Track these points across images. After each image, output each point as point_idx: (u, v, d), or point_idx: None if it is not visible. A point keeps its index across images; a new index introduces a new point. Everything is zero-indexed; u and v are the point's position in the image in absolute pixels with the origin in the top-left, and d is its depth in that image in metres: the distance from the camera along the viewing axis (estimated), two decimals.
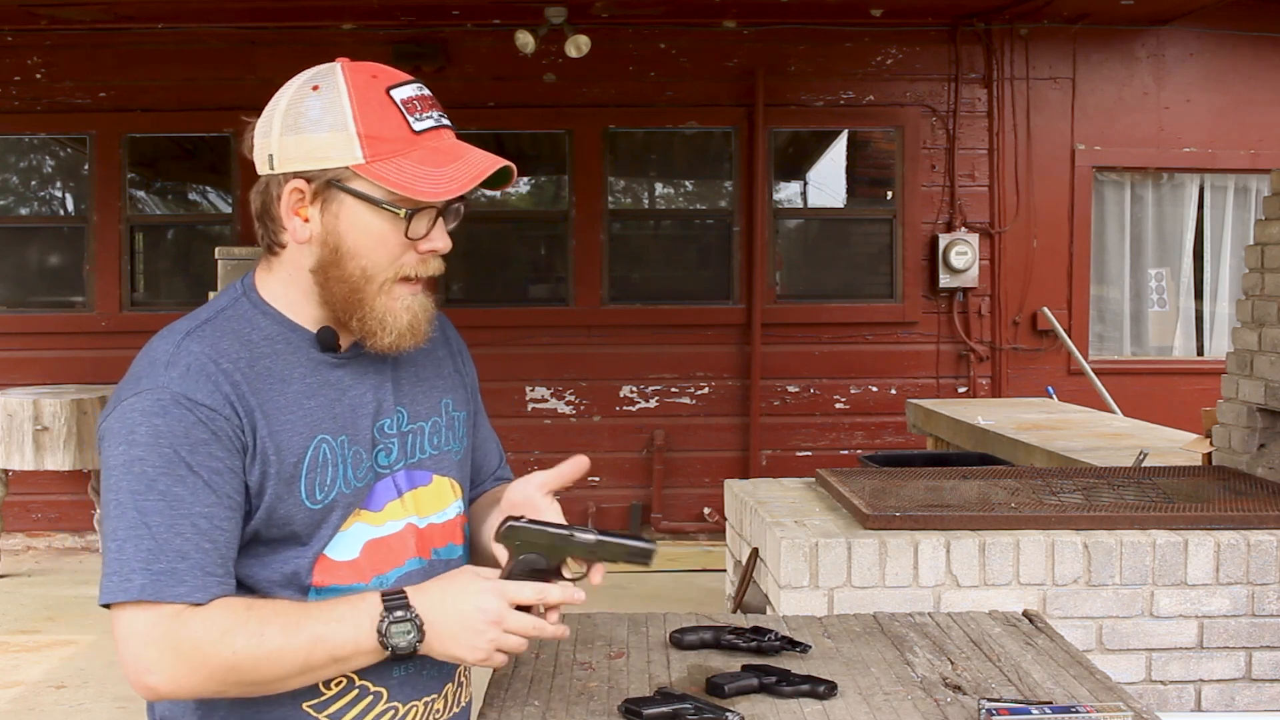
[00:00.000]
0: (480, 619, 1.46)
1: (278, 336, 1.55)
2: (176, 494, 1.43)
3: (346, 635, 1.45)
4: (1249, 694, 3.17)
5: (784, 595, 3.08)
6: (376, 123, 1.48)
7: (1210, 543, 3.13)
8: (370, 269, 1.51)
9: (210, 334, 1.52)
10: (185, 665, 1.43)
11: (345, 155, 1.48)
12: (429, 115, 1.52)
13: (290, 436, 1.50)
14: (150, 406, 1.45)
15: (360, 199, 1.49)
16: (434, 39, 7.46)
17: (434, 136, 1.51)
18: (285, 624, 1.44)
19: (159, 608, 1.42)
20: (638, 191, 8.09)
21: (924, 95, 7.67)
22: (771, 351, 7.62)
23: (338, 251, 1.51)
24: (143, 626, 1.43)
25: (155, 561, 1.42)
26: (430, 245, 1.54)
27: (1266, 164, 7.44)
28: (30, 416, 6.56)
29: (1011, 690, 1.79)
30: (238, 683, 1.45)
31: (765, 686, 1.76)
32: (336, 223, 1.51)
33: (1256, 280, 3.98)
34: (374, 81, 1.50)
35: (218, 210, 7.90)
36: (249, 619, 1.44)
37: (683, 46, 7.59)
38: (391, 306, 1.53)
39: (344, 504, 1.54)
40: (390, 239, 1.51)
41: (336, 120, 1.48)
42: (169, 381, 1.46)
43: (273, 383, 1.51)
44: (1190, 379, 7.63)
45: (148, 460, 1.43)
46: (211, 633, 1.42)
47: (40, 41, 7.47)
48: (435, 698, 1.63)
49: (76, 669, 5.12)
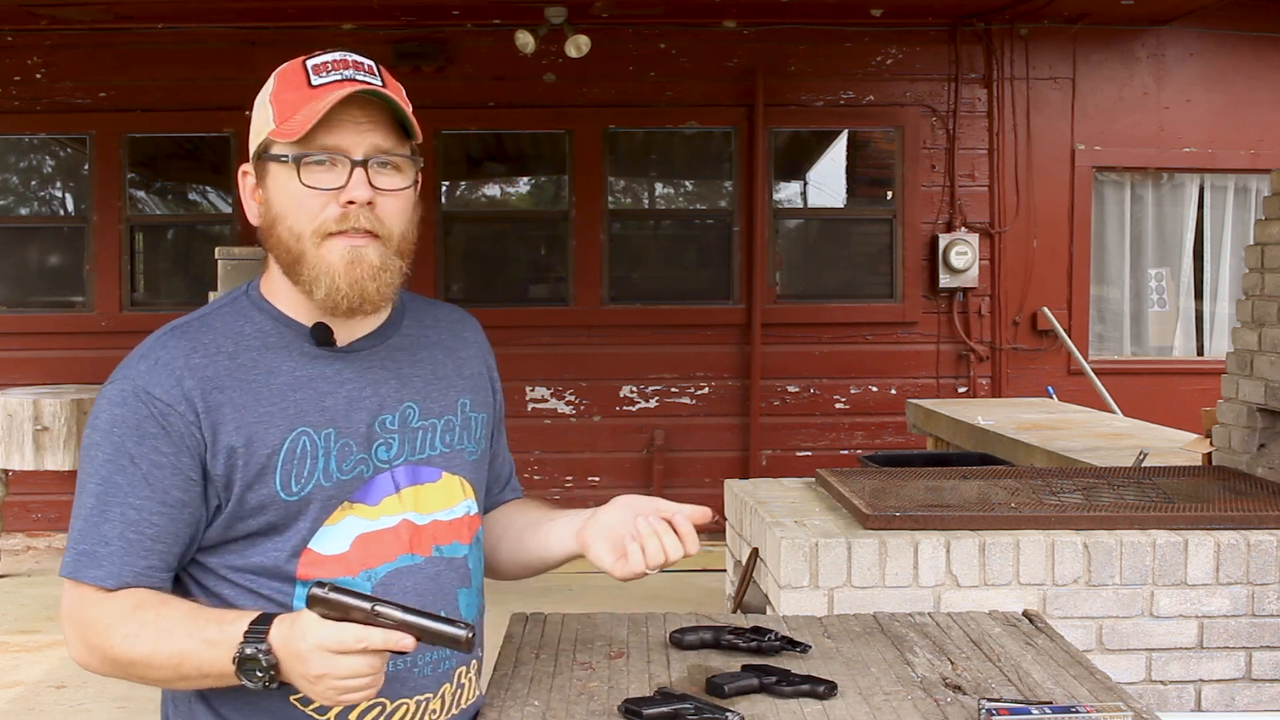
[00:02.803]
0: (311, 673, 1.39)
1: (271, 331, 1.57)
2: (115, 482, 1.50)
3: (213, 659, 1.44)
4: (1249, 694, 3.17)
5: (784, 595, 3.08)
6: (285, 89, 1.54)
7: (1210, 543, 3.13)
8: (295, 227, 1.53)
9: (195, 330, 1.56)
10: (85, 648, 1.51)
11: (264, 125, 1.55)
12: (336, 73, 1.53)
13: (265, 428, 1.52)
14: (114, 396, 1.52)
15: (275, 161, 1.54)
16: (434, 39, 7.45)
17: (331, 88, 1.51)
18: (159, 632, 1.46)
19: (79, 588, 1.50)
20: (638, 191, 8.09)
21: (924, 95, 7.67)
22: (771, 351, 7.62)
23: (270, 218, 1.56)
24: (67, 603, 1.52)
25: (81, 542, 1.50)
26: (347, 196, 1.52)
27: (1266, 164, 7.44)
28: (30, 416, 6.56)
29: (1011, 690, 1.79)
30: (129, 676, 1.51)
31: (765, 686, 1.76)
32: (268, 193, 1.56)
33: (1256, 280, 3.97)
34: (300, 59, 1.57)
35: (218, 210, 7.89)
36: (129, 620, 1.47)
37: (683, 46, 7.59)
38: (326, 258, 1.53)
39: (323, 496, 1.54)
40: (300, 193, 1.52)
41: (263, 99, 1.58)
42: (136, 374, 1.52)
43: (256, 375, 1.53)
44: (1190, 379, 7.63)
45: (101, 446, 1.51)
46: (100, 623, 1.48)
47: (40, 41, 7.47)
48: (430, 697, 1.63)
49: (76, 669, 5.10)
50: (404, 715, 1.60)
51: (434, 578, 1.62)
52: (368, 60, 1.57)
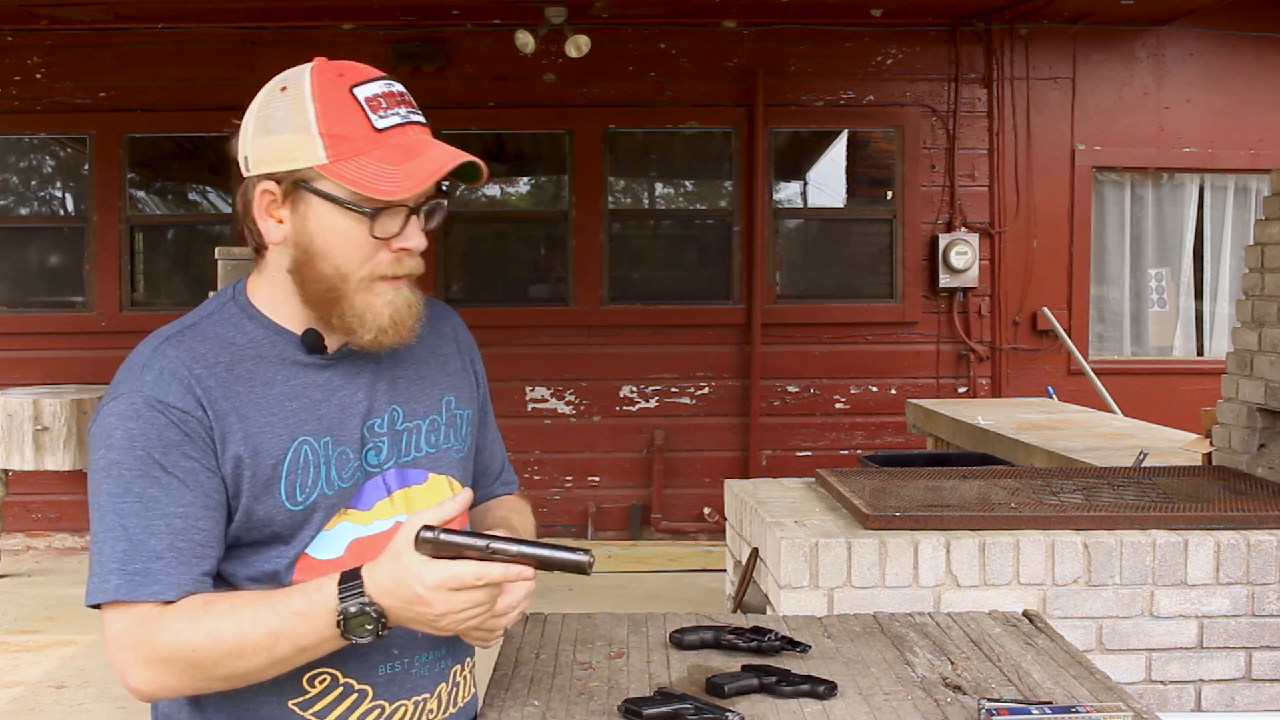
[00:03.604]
0: (433, 613, 1.41)
1: (262, 339, 1.55)
2: (151, 495, 1.45)
3: (307, 628, 1.43)
4: (1249, 694, 3.17)
5: (784, 595, 3.08)
6: (338, 122, 1.47)
7: (1210, 543, 3.13)
8: (343, 268, 1.50)
9: (190, 339, 1.53)
10: (155, 666, 1.44)
11: (309, 156, 1.48)
12: (394, 112, 1.50)
13: (269, 439, 1.51)
14: (125, 411, 1.47)
15: (325, 199, 1.49)
16: (434, 39, 7.46)
17: (398, 133, 1.49)
18: (241, 619, 1.43)
19: (133, 609, 1.44)
20: (638, 191, 8.09)
21: (924, 95, 7.67)
22: (771, 351, 7.62)
23: (309, 252, 1.51)
24: (120, 628, 1.45)
25: (130, 562, 1.44)
26: (403, 244, 1.51)
27: (1266, 164, 7.44)
28: (30, 416, 6.56)
29: (1011, 690, 1.79)
30: (210, 678, 1.45)
31: (765, 686, 1.76)
32: (305, 223, 1.50)
33: (1256, 280, 3.97)
34: (339, 80, 1.50)
35: (218, 210, 7.90)
36: (204, 616, 1.43)
37: (683, 46, 7.59)
38: (372, 302, 1.52)
39: (326, 505, 1.54)
40: (358, 238, 1.50)
41: (300, 121, 1.48)
42: (142, 386, 1.48)
43: (254, 385, 1.52)
44: (1190, 379, 7.63)
45: (124, 463, 1.45)
46: (171, 632, 1.43)
47: (40, 41, 7.47)
48: (427, 697, 1.62)
49: (76, 669, 5.12)
50: (403, 716, 1.60)
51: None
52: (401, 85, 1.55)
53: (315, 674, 1.53)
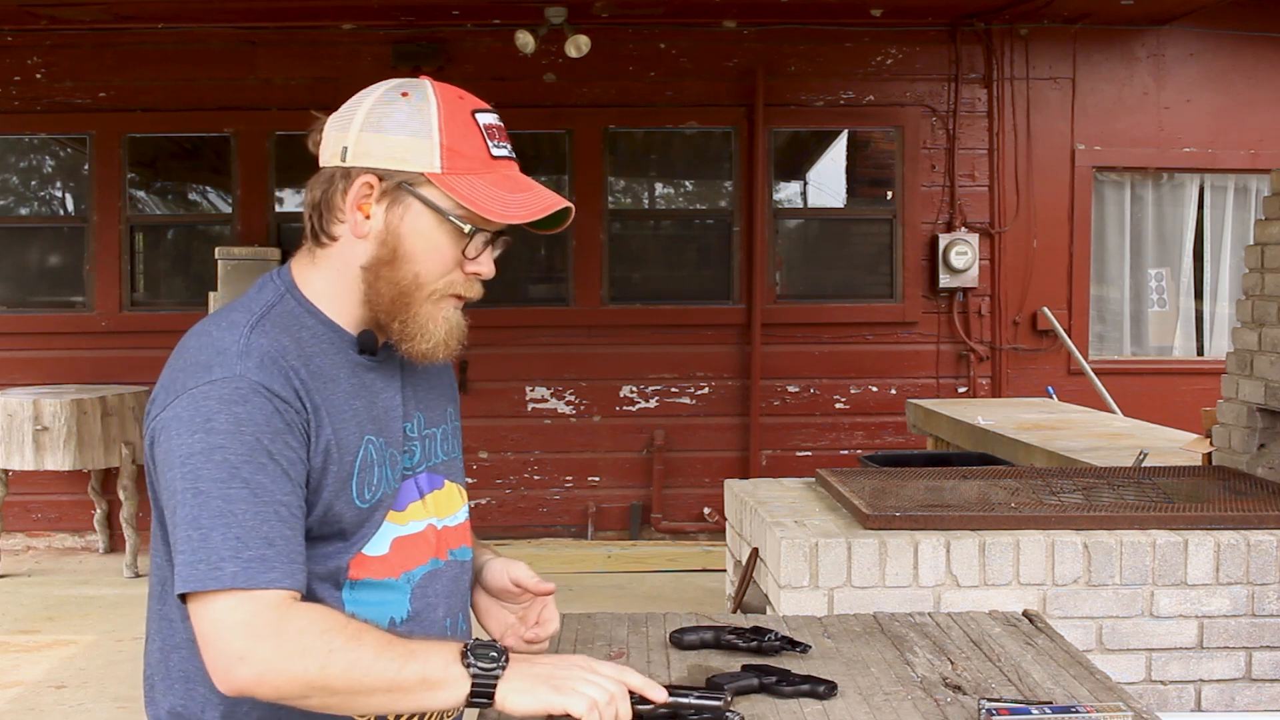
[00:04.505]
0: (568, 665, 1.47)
1: (324, 336, 1.56)
2: (260, 482, 1.43)
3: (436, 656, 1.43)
4: (1249, 694, 3.17)
5: (784, 595, 3.08)
6: (459, 139, 1.54)
7: (1210, 543, 3.13)
8: (423, 276, 1.54)
9: (270, 330, 1.52)
10: (284, 654, 1.39)
11: (424, 162, 1.52)
12: (504, 145, 1.60)
13: (348, 435, 1.53)
14: (229, 395, 1.44)
15: (429, 206, 1.53)
16: (434, 39, 7.46)
17: (507, 165, 1.58)
18: (380, 638, 1.43)
19: (257, 596, 1.40)
20: (638, 191, 8.09)
21: (924, 95, 7.67)
22: (771, 351, 7.62)
23: (395, 252, 1.54)
24: (241, 615, 1.40)
25: (245, 549, 1.41)
26: (477, 268, 1.57)
27: (1266, 164, 7.44)
28: (30, 416, 6.56)
29: (1011, 690, 1.79)
30: (324, 687, 1.41)
31: (765, 686, 1.76)
32: (400, 224, 1.54)
33: (1256, 280, 3.98)
34: (461, 102, 1.58)
35: (218, 210, 7.89)
36: (347, 625, 1.43)
37: (683, 46, 7.59)
38: (435, 316, 1.56)
39: (385, 504, 1.57)
40: (446, 252, 1.55)
41: (421, 128, 1.53)
42: (246, 370, 1.46)
43: (325, 382, 1.53)
44: (1190, 379, 7.63)
45: (229, 448, 1.43)
46: (315, 626, 1.41)
47: (40, 41, 7.47)
48: None
49: (76, 669, 5.12)
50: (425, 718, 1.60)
51: (454, 580, 1.67)
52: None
53: None
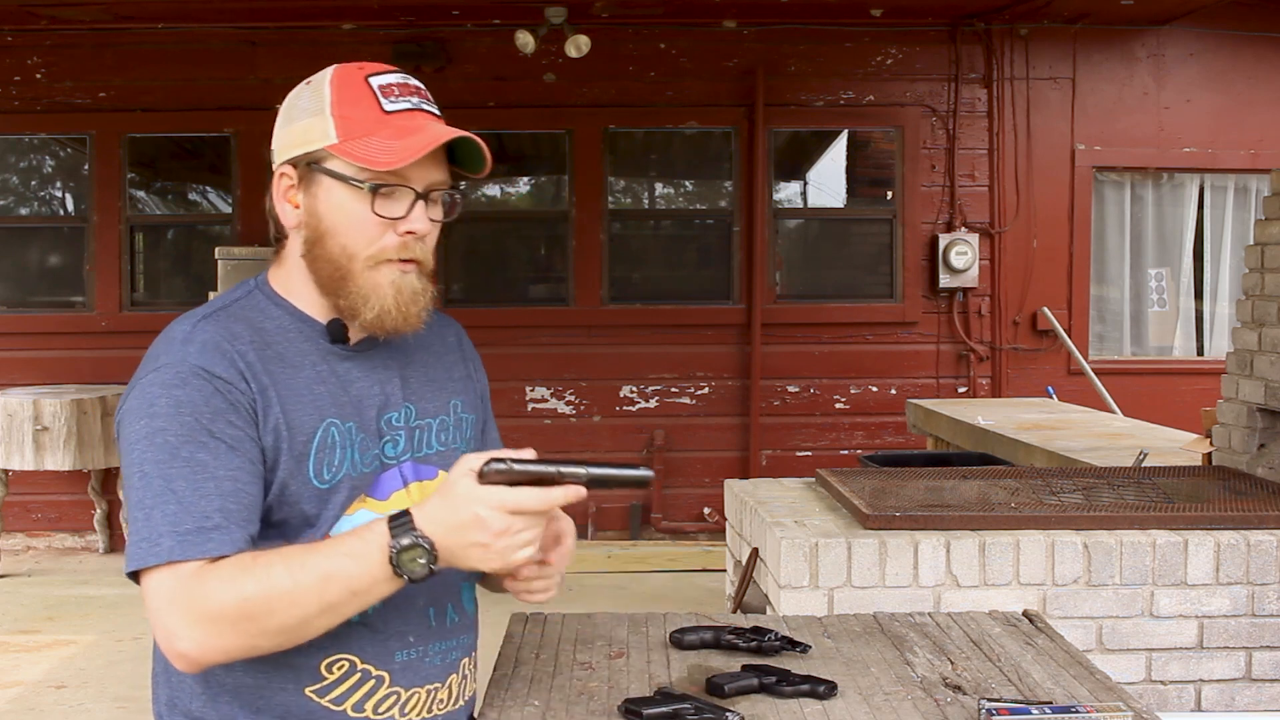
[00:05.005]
0: (484, 535, 1.42)
1: (290, 326, 1.61)
2: (200, 459, 1.47)
3: (359, 570, 1.43)
4: (1249, 694, 3.17)
5: (784, 595, 3.08)
6: (350, 105, 1.56)
7: (1210, 543, 3.13)
8: (350, 247, 1.56)
9: (224, 319, 1.58)
10: (206, 624, 1.43)
11: (322, 136, 1.56)
12: (406, 99, 1.57)
13: (302, 416, 1.55)
14: (169, 379, 1.50)
15: (335, 178, 1.55)
16: (434, 39, 7.45)
17: (406, 117, 1.56)
18: (291, 565, 1.44)
19: (180, 568, 1.44)
20: (638, 191, 8.09)
21: (924, 95, 7.67)
22: (771, 351, 7.62)
23: (318, 230, 1.58)
24: (167, 590, 1.44)
25: (182, 524, 1.45)
26: (408, 226, 1.57)
27: (1266, 164, 7.44)
28: (30, 416, 6.56)
29: (1011, 690, 1.79)
30: (260, 631, 1.43)
31: (765, 686, 1.76)
32: (316, 203, 1.57)
33: (1256, 280, 3.98)
34: (357, 72, 1.59)
35: (218, 210, 7.89)
36: (254, 564, 1.44)
37: (683, 46, 7.59)
38: (376, 283, 1.57)
39: (349, 486, 1.58)
40: (365, 217, 1.55)
41: (317, 106, 1.57)
42: (186, 355, 1.52)
43: (284, 368, 1.57)
44: (1190, 379, 7.63)
45: (169, 430, 1.48)
46: (221, 583, 1.43)
47: (40, 41, 7.47)
48: (439, 687, 1.65)
49: (76, 669, 5.12)
50: (415, 704, 1.62)
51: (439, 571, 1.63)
52: (419, 82, 1.62)
53: (333, 660, 1.56)
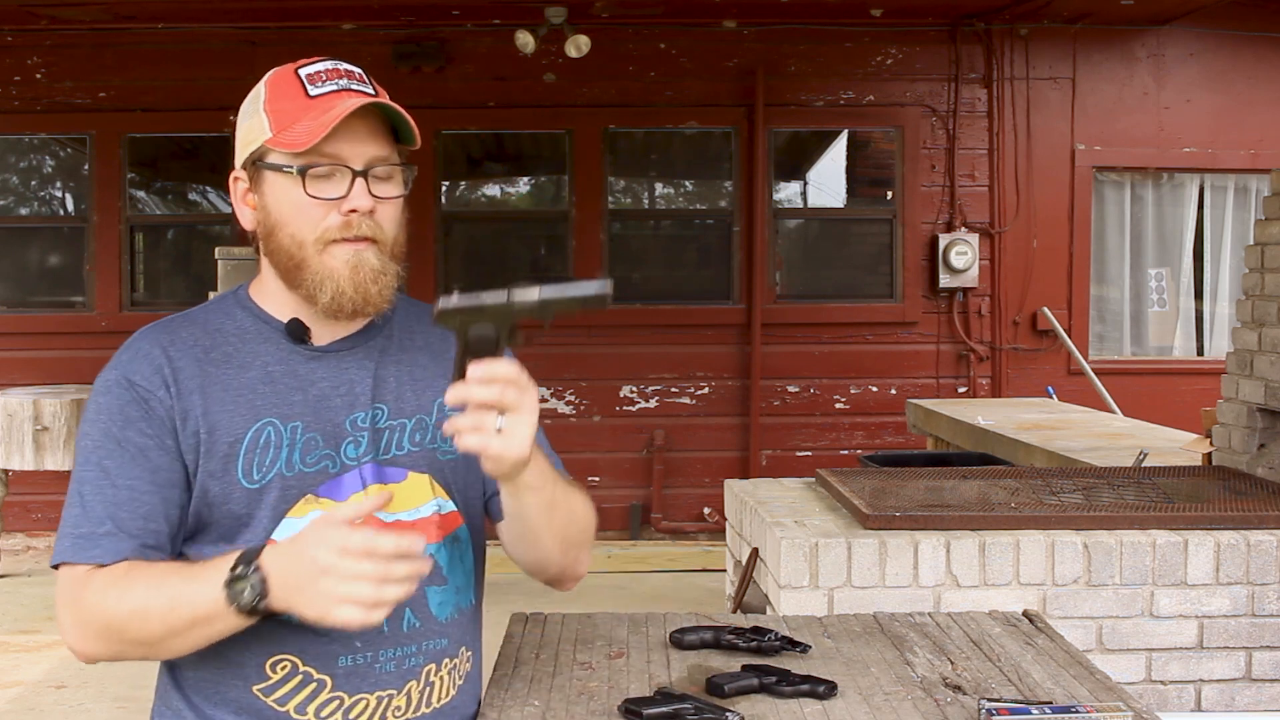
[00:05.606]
0: (312, 571, 1.40)
1: (250, 328, 1.64)
2: (107, 466, 1.54)
3: (201, 594, 1.45)
4: (1249, 694, 3.17)
5: (784, 595, 3.08)
6: (280, 98, 1.59)
7: (1210, 543, 3.13)
8: (298, 234, 1.58)
9: (176, 325, 1.64)
10: (80, 625, 1.51)
11: (260, 133, 1.59)
12: (332, 82, 1.59)
13: (229, 418, 1.57)
14: (98, 386, 1.60)
15: (275, 170, 1.58)
16: (434, 39, 7.45)
17: (331, 98, 1.57)
18: (150, 583, 1.49)
19: (75, 570, 1.52)
20: (638, 191, 8.09)
21: (924, 95, 7.67)
22: (771, 351, 7.62)
23: (267, 224, 1.61)
24: (62, 588, 1.53)
25: (80, 527, 1.53)
26: (349, 205, 1.58)
27: (1266, 164, 7.44)
28: (30, 416, 6.56)
29: (1011, 690, 1.79)
30: (123, 641, 1.50)
31: (765, 686, 1.75)
32: (265, 199, 1.60)
33: (1256, 280, 3.98)
34: (289, 68, 1.62)
35: (218, 210, 7.90)
36: (123, 578, 1.50)
37: (683, 46, 7.59)
38: (329, 264, 1.58)
39: (282, 486, 1.57)
40: (306, 203, 1.57)
41: (254, 107, 1.61)
42: (118, 365, 1.61)
43: (228, 368, 1.60)
44: (1190, 379, 7.63)
45: (90, 435, 1.57)
46: (95, 591, 1.50)
47: (40, 41, 7.47)
48: (394, 694, 1.61)
49: (76, 669, 5.12)
50: (364, 710, 1.59)
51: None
52: (357, 69, 1.63)
53: (276, 660, 1.57)
